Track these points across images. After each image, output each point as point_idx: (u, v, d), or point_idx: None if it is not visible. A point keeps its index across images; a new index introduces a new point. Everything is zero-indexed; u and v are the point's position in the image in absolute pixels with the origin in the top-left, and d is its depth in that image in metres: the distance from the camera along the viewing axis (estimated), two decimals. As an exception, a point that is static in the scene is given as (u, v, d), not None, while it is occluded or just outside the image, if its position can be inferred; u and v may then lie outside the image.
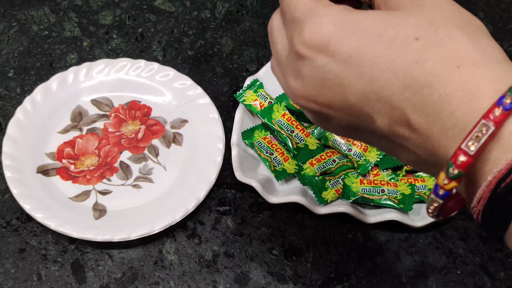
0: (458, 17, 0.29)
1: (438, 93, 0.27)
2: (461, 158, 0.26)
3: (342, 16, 0.30)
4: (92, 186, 0.56)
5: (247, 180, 0.54)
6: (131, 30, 0.68)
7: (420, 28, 0.28)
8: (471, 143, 0.26)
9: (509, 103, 0.25)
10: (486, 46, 0.28)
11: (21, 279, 0.52)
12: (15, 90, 0.63)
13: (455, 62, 0.27)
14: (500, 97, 0.26)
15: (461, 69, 0.27)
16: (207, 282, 0.52)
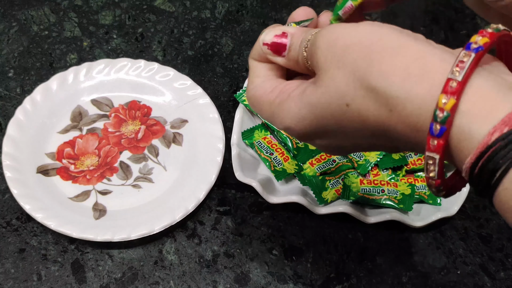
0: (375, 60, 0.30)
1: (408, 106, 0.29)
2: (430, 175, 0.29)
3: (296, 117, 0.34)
4: (92, 186, 0.56)
5: (247, 180, 0.54)
6: (131, 30, 0.68)
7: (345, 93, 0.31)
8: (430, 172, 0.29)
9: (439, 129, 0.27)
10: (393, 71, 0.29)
11: (21, 279, 0.52)
12: (15, 90, 0.63)
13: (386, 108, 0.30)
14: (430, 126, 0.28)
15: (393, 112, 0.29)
16: (207, 282, 0.52)
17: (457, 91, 0.27)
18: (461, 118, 0.27)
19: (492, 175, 0.26)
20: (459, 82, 0.27)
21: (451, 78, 0.27)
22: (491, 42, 0.28)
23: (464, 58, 0.27)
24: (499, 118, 0.26)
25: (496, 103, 0.27)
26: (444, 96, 0.27)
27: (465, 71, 0.27)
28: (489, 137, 0.26)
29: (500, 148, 0.26)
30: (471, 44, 0.28)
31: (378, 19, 0.71)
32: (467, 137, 0.27)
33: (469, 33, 0.70)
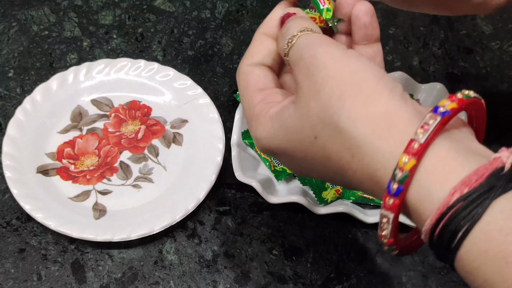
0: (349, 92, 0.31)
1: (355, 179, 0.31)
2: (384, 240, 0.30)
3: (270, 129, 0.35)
4: (92, 186, 0.56)
5: (247, 180, 0.54)
6: (131, 30, 0.68)
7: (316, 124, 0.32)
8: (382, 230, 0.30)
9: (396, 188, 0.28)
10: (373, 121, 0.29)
11: (21, 279, 0.52)
12: (15, 90, 0.63)
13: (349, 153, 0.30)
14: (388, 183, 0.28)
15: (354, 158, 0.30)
16: (207, 282, 0.52)
17: (418, 153, 0.27)
18: (421, 179, 0.28)
19: (453, 237, 0.26)
20: (421, 144, 0.27)
21: (414, 139, 0.27)
22: (458, 108, 0.29)
23: (429, 120, 0.28)
24: (459, 179, 0.27)
25: (456, 165, 0.27)
26: (405, 156, 0.27)
27: (429, 133, 0.27)
28: (450, 197, 0.26)
29: (461, 209, 0.26)
30: (438, 108, 0.28)
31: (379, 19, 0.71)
32: (427, 198, 0.27)
33: (469, 33, 0.70)
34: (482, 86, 0.66)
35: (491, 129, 0.63)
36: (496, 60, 0.68)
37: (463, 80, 0.66)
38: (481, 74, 0.67)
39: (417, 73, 0.66)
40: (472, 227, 0.26)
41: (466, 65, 0.67)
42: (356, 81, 0.31)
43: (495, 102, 0.64)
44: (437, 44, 0.69)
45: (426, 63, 0.67)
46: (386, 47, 0.69)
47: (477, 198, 0.26)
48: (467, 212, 0.26)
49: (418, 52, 0.68)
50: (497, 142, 0.63)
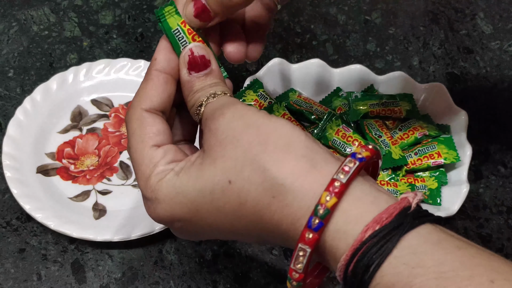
0: (256, 143, 0.32)
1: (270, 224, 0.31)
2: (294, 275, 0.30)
3: (170, 190, 0.33)
4: (92, 186, 0.56)
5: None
6: (131, 30, 0.68)
7: (228, 170, 0.32)
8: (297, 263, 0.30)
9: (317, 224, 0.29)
10: (287, 166, 0.31)
11: (21, 279, 0.52)
12: (15, 90, 0.63)
13: (268, 195, 0.31)
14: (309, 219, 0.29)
15: (275, 199, 0.31)
16: (207, 282, 0.52)
17: (339, 192, 0.29)
18: (338, 217, 0.29)
19: (366, 271, 0.28)
20: (343, 184, 0.29)
21: (336, 179, 0.29)
22: (370, 156, 0.31)
23: (349, 164, 0.30)
24: (371, 217, 0.29)
25: (369, 205, 0.29)
26: (328, 194, 0.29)
27: (350, 175, 0.29)
28: (363, 234, 0.28)
29: (373, 245, 0.28)
30: (356, 154, 0.30)
31: (378, 19, 0.71)
32: (343, 235, 0.29)
33: (469, 33, 0.70)
34: (482, 86, 0.66)
35: (491, 129, 0.63)
36: (496, 60, 0.68)
37: (463, 80, 0.66)
38: (481, 74, 0.67)
39: (417, 73, 0.66)
40: (382, 262, 0.28)
41: (466, 65, 0.67)
42: (275, 128, 0.32)
43: (495, 102, 0.65)
44: (437, 44, 0.69)
45: (426, 63, 0.67)
46: (386, 47, 0.69)
47: (387, 234, 0.28)
48: (378, 247, 0.28)
49: (418, 52, 0.68)
50: (497, 142, 0.63)
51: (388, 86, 0.61)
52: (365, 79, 0.61)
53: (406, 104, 0.59)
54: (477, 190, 0.58)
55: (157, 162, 0.34)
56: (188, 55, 0.36)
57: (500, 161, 0.60)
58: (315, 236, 0.29)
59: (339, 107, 0.60)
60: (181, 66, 0.36)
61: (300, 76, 0.61)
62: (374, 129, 0.58)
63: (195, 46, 0.37)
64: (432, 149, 0.56)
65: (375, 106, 0.59)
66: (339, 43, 0.69)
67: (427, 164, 0.56)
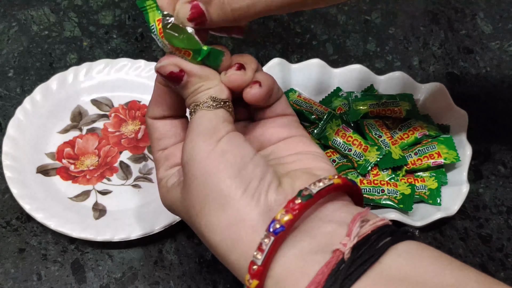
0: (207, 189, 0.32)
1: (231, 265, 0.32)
2: None
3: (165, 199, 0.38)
4: (92, 186, 0.56)
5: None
6: (131, 30, 0.68)
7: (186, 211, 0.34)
8: None
9: None
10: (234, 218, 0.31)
11: (21, 279, 0.52)
12: (15, 90, 0.63)
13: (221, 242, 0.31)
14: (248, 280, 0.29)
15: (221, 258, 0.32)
16: (207, 282, 0.52)
17: (259, 274, 0.29)
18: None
19: None
20: (259, 266, 0.29)
21: (253, 260, 0.29)
22: (294, 218, 0.29)
23: (265, 240, 0.29)
24: (304, 285, 0.27)
25: (299, 276, 0.28)
26: (248, 276, 0.29)
27: (265, 255, 0.29)
28: None
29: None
30: (273, 223, 0.29)
31: (378, 19, 0.71)
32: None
33: (469, 33, 0.70)
34: (482, 86, 0.66)
35: (491, 129, 0.63)
36: (496, 60, 0.68)
37: (463, 80, 0.66)
38: (481, 74, 0.67)
39: (417, 73, 0.66)
40: None
41: (466, 65, 0.67)
42: (215, 184, 0.32)
43: (495, 102, 0.65)
44: (437, 44, 0.69)
45: (426, 63, 0.67)
46: (386, 47, 0.69)
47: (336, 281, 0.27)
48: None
49: (418, 52, 0.68)
50: (497, 142, 0.63)
51: (388, 86, 0.61)
52: (365, 79, 0.61)
53: (406, 104, 0.59)
54: (477, 190, 0.58)
55: (160, 167, 0.38)
56: (160, 76, 0.37)
57: (500, 161, 0.60)
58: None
59: (339, 107, 0.60)
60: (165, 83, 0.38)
61: (300, 76, 0.61)
62: (374, 129, 0.58)
63: (160, 67, 0.36)
64: (432, 149, 0.56)
65: (375, 106, 0.59)
66: (339, 43, 0.69)
67: (427, 164, 0.56)
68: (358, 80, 0.61)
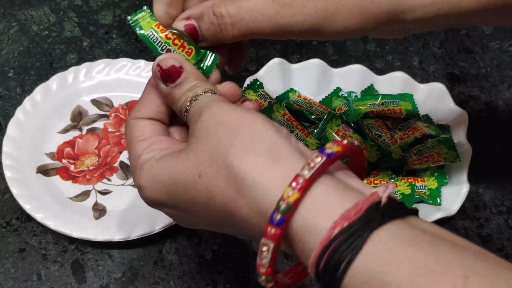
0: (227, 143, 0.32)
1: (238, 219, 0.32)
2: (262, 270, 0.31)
3: (153, 177, 0.35)
4: (92, 186, 0.56)
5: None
6: (131, 30, 0.68)
7: (199, 164, 0.33)
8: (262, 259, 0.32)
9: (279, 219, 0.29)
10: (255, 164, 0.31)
11: (21, 279, 0.52)
12: (15, 90, 0.63)
13: (234, 190, 0.31)
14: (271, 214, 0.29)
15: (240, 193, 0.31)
16: (207, 282, 0.52)
17: (303, 188, 0.29)
18: (305, 213, 0.29)
19: (337, 268, 0.28)
20: (306, 179, 0.29)
21: (300, 174, 0.29)
22: (342, 151, 0.30)
23: (316, 159, 0.29)
24: (340, 213, 0.28)
25: (337, 200, 0.29)
26: (290, 189, 0.29)
27: (314, 170, 0.29)
28: (331, 231, 0.28)
29: (342, 242, 0.28)
30: (325, 149, 0.30)
31: (378, 19, 0.71)
32: (312, 231, 0.29)
33: (469, 33, 0.70)
34: (482, 86, 0.66)
35: (491, 129, 0.63)
36: (496, 60, 0.68)
37: (463, 80, 0.66)
38: (481, 74, 0.67)
39: (417, 73, 0.66)
40: (353, 259, 0.27)
41: (466, 65, 0.67)
42: (245, 123, 0.32)
43: (495, 102, 0.65)
44: (437, 44, 0.69)
45: (426, 63, 0.67)
46: (386, 47, 0.69)
47: (357, 231, 0.28)
48: (348, 244, 0.27)
49: (418, 52, 0.68)
50: (497, 142, 0.63)
51: (388, 86, 0.61)
52: (365, 79, 0.61)
53: (406, 104, 0.59)
54: (477, 190, 0.58)
55: (140, 153, 0.36)
56: (158, 70, 0.37)
57: (500, 161, 0.60)
58: (278, 232, 0.29)
59: (339, 107, 0.60)
60: (156, 81, 0.37)
61: (300, 76, 0.61)
62: (374, 129, 0.58)
63: (162, 60, 0.37)
64: (432, 149, 0.56)
65: (375, 106, 0.59)
66: (339, 43, 0.69)
67: (427, 164, 0.56)
68: (358, 80, 0.61)
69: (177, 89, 0.36)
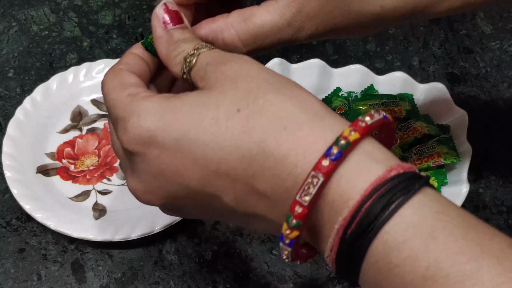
0: (272, 81, 0.30)
1: (272, 156, 0.28)
2: (298, 210, 0.27)
3: (161, 106, 0.30)
4: (92, 186, 0.56)
5: (247, 180, 0.54)
6: (131, 30, 0.68)
7: (239, 100, 0.29)
8: (304, 194, 0.27)
9: (336, 153, 0.27)
10: (305, 102, 0.29)
11: (21, 279, 0.52)
12: (15, 90, 0.63)
13: (280, 125, 0.28)
14: (328, 148, 0.27)
15: (287, 130, 0.28)
16: (207, 282, 0.52)
17: (364, 130, 0.27)
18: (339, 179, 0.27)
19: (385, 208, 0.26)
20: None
21: (360, 120, 0.28)
22: (383, 121, 0.29)
23: (367, 118, 0.28)
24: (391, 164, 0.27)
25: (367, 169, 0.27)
26: (351, 129, 0.27)
27: (373, 121, 0.28)
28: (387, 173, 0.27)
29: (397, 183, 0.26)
30: (374, 114, 0.29)
31: (378, 19, 0.71)
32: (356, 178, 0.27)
33: (469, 33, 0.70)
34: (482, 86, 0.66)
35: (491, 129, 0.63)
36: (496, 60, 0.68)
37: (463, 80, 0.66)
38: (481, 74, 0.67)
39: (417, 73, 0.66)
40: (406, 200, 0.26)
41: (466, 65, 0.67)
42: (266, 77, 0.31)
43: (495, 102, 0.65)
44: (437, 44, 0.69)
45: (426, 63, 0.67)
46: (386, 47, 0.69)
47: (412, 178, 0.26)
48: (402, 186, 0.26)
49: (418, 52, 0.68)
50: (497, 142, 0.63)
51: (388, 86, 0.61)
52: (365, 79, 0.61)
53: (406, 104, 0.59)
54: (477, 190, 0.58)
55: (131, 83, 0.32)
56: (162, 9, 0.34)
57: (500, 161, 0.60)
58: (331, 166, 0.27)
59: (339, 107, 0.60)
60: (154, 24, 0.34)
61: (300, 76, 0.61)
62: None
63: (168, 2, 0.34)
64: (432, 149, 0.56)
65: (375, 106, 0.59)
66: (339, 43, 0.69)
67: (427, 164, 0.56)
68: (358, 80, 0.61)
69: (177, 32, 0.33)
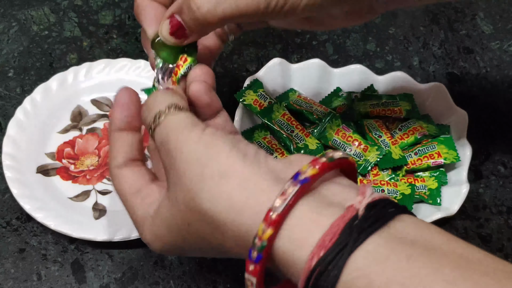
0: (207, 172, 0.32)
1: None
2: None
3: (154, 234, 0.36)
4: (92, 186, 0.56)
5: (247, 180, 0.54)
6: (131, 30, 0.68)
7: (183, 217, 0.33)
8: None
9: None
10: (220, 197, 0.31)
11: (21, 279, 0.52)
12: (15, 90, 0.63)
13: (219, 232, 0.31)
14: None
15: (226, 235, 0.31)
16: (207, 282, 0.52)
17: (276, 222, 0.28)
18: (285, 244, 0.28)
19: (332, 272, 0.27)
20: (279, 214, 0.28)
21: (272, 208, 0.28)
22: (319, 173, 0.29)
23: (289, 189, 0.29)
24: (316, 240, 0.27)
25: (313, 226, 0.28)
26: (264, 225, 0.28)
27: (287, 203, 0.28)
28: (310, 263, 0.27)
29: (320, 273, 0.27)
30: (299, 175, 0.29)
31: (378, 19, 0.71)
32: (294, 263, 0.28)
33: (469, 33, 0.70)
34: (482, 86, 0.66)
35: (491, 129, 0.63)
36: (496, 60, 0.68)
37: (463, 80, 0.66)
38: (481, 74, 0.67)
39: (417, 73, 0.66)
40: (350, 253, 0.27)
41: (466, 65, 0.67)
42: (212, 158, 0.32)
43: (495, 102, 0.65)
44: (437, 44, 0.69)
45: (426, 63, 0.67)
46: (386, 47, 0.69)
47: (332, 259, 0.27)
48: (326, 275, 0.27)
49: (418, 52, 0.68)
50: (497, 142, 0.63)
51: (388, 86, 0.61)
52: (365, 79, 0.61)
53: (406, 104, 0.59)
54: (477, 190, 0.58)
55: (136, 210, 0.37)
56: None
57: (500, 161, 0.60)
58: (257, 268, 0.29)
59: (339, 107, 0.60)
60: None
61: (300, 76, 0.61)
62: (374, 129, 0.58)
63: None
64: (432, 149, 0.56)
65: (375, 106, 0.59)
66: (339, 43, 0.69)
67: (427, 164, 0.56)
68: (358, 80, 0.61)
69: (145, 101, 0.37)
